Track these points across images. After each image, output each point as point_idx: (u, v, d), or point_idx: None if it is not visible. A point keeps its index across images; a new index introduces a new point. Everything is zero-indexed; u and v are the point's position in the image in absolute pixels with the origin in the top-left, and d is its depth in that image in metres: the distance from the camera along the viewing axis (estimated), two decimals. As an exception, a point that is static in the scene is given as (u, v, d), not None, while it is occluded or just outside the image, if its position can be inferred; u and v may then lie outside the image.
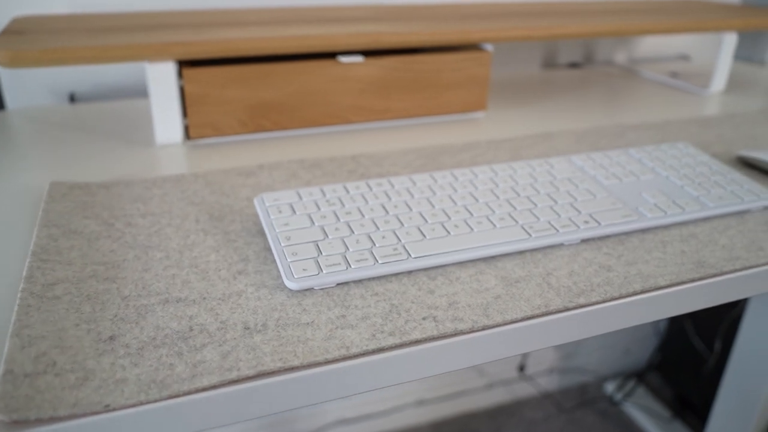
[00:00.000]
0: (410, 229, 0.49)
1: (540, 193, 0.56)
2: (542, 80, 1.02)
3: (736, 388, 1.19)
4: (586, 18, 0.86)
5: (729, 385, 1.20)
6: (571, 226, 0.51)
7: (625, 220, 0.52)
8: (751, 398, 1.16)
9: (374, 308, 0.42)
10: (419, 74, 0.77)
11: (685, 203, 0.56)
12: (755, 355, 1.13)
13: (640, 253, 0.50)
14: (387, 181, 0.56)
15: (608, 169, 0.61)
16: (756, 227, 0.55)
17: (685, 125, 0.81)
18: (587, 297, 0.44)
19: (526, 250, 0.49)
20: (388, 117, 0.77)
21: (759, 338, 1.12)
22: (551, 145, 0.72)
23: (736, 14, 0.95)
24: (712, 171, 0.63)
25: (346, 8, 0.86)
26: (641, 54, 1.20)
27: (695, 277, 0.47)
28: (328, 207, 0.51)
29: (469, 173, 0.58)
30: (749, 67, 1.17)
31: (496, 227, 0.50)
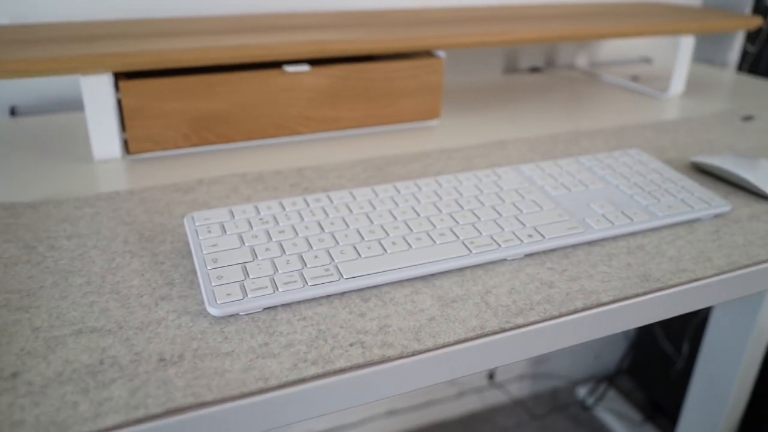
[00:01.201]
0: (345, 247, 0.47)
1: (484, 206, 0.54)
2: (502, 86, 1.01)
3: (704, 389, 1.18)
4: (541, 23, 0.85)
5: (697, 386, 1.19)
6: (514, 241, 0.49)
7: (570, 232, 0.51)
8: (719, 399, 1.16)
9: (300, 334, 0.40)
10: (369, 83, 0.75)
11: (634, 213, 0.54)
12: (721, 356, 1.13)
13: (584, 268, 0.48)
14: (326, 196, 0.54)
15: (557, 179, 0.60)
16: (705, 237, 0.54)
17: (641, 130, 0.80)
18: (525, 317, 0.42)
19: (466, 266, 0.47)
20: (338, 127, 0.75)
21: (724, 340, 1.12)
22: (504, 154, 0.70)
23: (694, 17, 0.94)
24: (663, 179, 0.61)
25: (295, 15, 0.84)
26: (603, 57, 1.20)
27: (639, 291, 0.46)
28: (261, 226, 0.49)
29: (413, 186, 0.56)
30: (710, 70, 1.16)
31: (435, 243, 0.48)
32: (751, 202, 0.61)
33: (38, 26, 0.73)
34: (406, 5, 0.98)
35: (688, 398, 1.21)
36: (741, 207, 0.60)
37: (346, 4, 0.94)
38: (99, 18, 0.81)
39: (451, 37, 0.75)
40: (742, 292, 0.51)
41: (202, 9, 0.85)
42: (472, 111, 0.87)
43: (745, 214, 0.59)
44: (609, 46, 1.19)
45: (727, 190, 0.64)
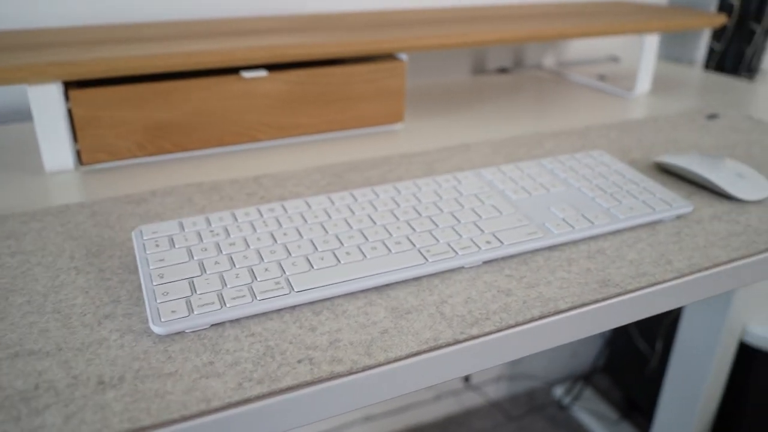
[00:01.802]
0: (297, 259, 0.45)
1: (443, 213, 0.53)
2: (470, 87, 1.00)
3: (678, 387, 1.18)
4: (505, 24, 0.84)
5: (671, 384, 1.19)
6: (472, 248, 0.48)
7: (529, 238, 0.50)
8: (692, 396, 1.16)
9: (247, 352, 0.38)
10: (329, 87, 0.73)
11: (595, 216, 0.54)
12: (694, 353, 1.13)
13: (543, 274, 0.47)
14: (280, 205, 0.52)
15: (518, 183, 0.59)
16: (666, 239, 0.53)
17: (606, 131, 0.79)
18: (481, 327, 0.41)
19: (422, 276, 0.46)
20: (298, 133, 0.74)
21: (696, 337, 1.12)
22: (467, 158, 0.69)
23: (659, 16, 0.94)
24: (625, 180, 0.61)
25: (254, 20, 0.83)
26: (571, 57, 1.19)
27: (598, 297, 0.45)
28: (211, 238, 0.48)
29: (371, 193, 0.55)
30: (678, 68, 1.16)
31: (391, 253, 0.47)
32: (714, 202, 0.61)
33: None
34: (369, 7, 0.97)
35: (662, 396, 1.21)
36: (703, 207, 0.59)
37: (307, 8, 0.92)
38: (51, 25, 0.79)
39: (413, 40, 0.74)
40: (703, 294, 0.50)
41: (157, 14, 0.84)
42: (437, 114, 0.86)
43: (707, 215, 0.58)
44: (577, 45, 1.19)
45: (690, 190, 0.63)
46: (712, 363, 1.12)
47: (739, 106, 0.92)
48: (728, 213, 0.59)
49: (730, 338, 1.11)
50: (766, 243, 0.54)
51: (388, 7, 0.98)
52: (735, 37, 1.18)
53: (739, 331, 1.11)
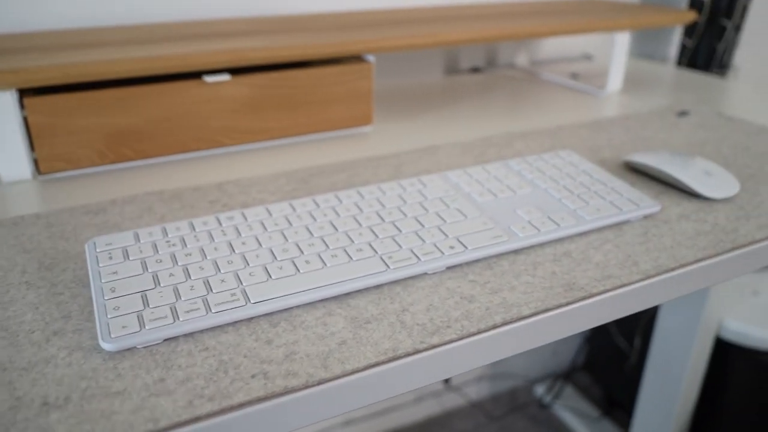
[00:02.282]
0: (255, 269, 0.44)
1: (407, 217, 0.52)
2: (442, 87, 0.99)
3: (656, 382, 1.19)
4: (474, 23, 0.83)
5: (650, 380, 1.20)
6: (435, 253, 0.47)
7: (494, 242, 0.49)
8: (671, 391, 1.16)
9: (200, 367, 0.37)
10: (296, 90, 0.72)
11: (561, 218, 0.53)
12: (671, 350, 1.13)
13: (508, 279, 0.47)
14: (240, 213, 0.51)
15: (484, 185, 0.58)
16: (633, 240, 0.53)
17: (577, 130, 0.79)
18: (441, 336, 0.40)
19: (384, 283, 0.45)
20: (264, 138, 0.73)
21: (673, 333, 1.12)
22: (435, 160, 0.69)
23: (629, 13, 0.94)
24: (593, 180, 0.60)
25: (217, 23, 0.81)
26: (544, 55, 1.19)
27: (562, 302, 0.44)
28: (167, 249, 0.46)
29: (334, 199, 0.54)
30: (651, 65, 1.16)
31: (352, 260, 0.46)
32: (682, 200, 0.60)
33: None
34: (337, 8, 0.95)
35: (641, 392, 1.21)
36: (671, 206, 0.59)
37: (272, 9, 0.91)
38: (6, 31, 0.77)
39: (380, 41, 0.73)
40: (670, 296, 0.50)
41: (118, 18, 0.82)
42: (408, 115, 0.85)
43: (675, 214, 0.58)
44: (550, 43, 1.18)
45: (659, 189, 0.63)
46: (689, 359, 1.12)
47: (709, 102, 0.92)
48: (696, 212, 0.58)
49: (707, 334, 1.11)
50: (733, 242, 0.53)
51: (356, 7, 0.97)
52: (706, 33, 1.18)
53: (715, 327, 1.12)
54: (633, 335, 1.33)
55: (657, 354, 1.17)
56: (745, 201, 0.61)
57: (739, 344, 1.12)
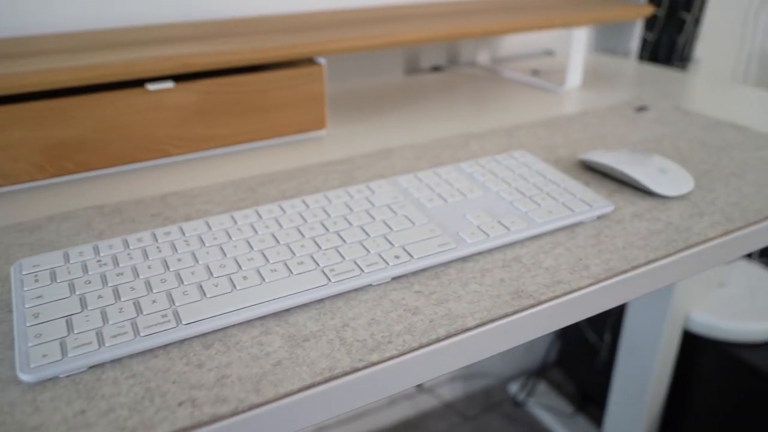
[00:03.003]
0: (189, 288, 0.42)
1: (352, 227, 0.50)
2: (402, 87, 0.97)
3: (627, 376, 1.19)
4: (428, 21, 0.82)
5: (620, 374, 1.20)
6: (379, 264, 0.46)
7: (441, 249, 0.48)
8: (641, 385, 1.16)
9: (125, 396, 0.35)
10: (245, 96, 0.70)
11: (511, 222, 0.52)
12: (640, 344, 1.13)
13: (454, 288, 0.45)
14: (178, 228, 0.49)
15: (435, 190, 0.56)
16: (585, 242, 0.52)
17: (534, 128, 0.78)
18: (381, 352, 0.39)
19: (326, 297, 0.44)
20: (214, 146, 0.70)
21: (641, 327, 1.12)
22: (389, 164, 0.67)
23: (587, 8, 0.93)
24: (546, 181, 0.59)
25: (161, 28, 0.79)
26: (506, 52, 1.18)
27: (509, 311, 0.43)
28: (98, 269, 0.44)
29: (277, 209, 0.52)
30: (612, 60, 1.16)
31: (292, 274, 0.44)
32: (636, 199, 0.59)
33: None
34: (289, 10, 0.93)
35: (612, 387, 1.21)
36: (625, 205, 0.58)
37: (220, 12, 0.89)
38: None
39: (329, 43, 0.71)
40: (621, 299, 0.49)
41: (56, 26, 0.79)
42: (365, 117, 0.83)
43: (629, 213, 0.57)
44: (512, 40, 1.17)
45: (613, 188, 0.62)
46: (657, 352, 1.12)
47: (669, 96, 0.92)
48: (650, 210, 0.57)
49: (674, 327, 1.11)
50: (685, 241, 0.52)
51: (310, 8, 0.95)
52: (666, 26, 1.18)
53: (682, 320, 1.12)
54: (603, 330, 1.33)
55: (626, 349, 1.17)
56: (700, 198, 0.60)
57: (707, 336, 1.12)
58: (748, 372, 1.07)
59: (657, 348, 1.12)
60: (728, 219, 0.56)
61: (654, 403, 1.19)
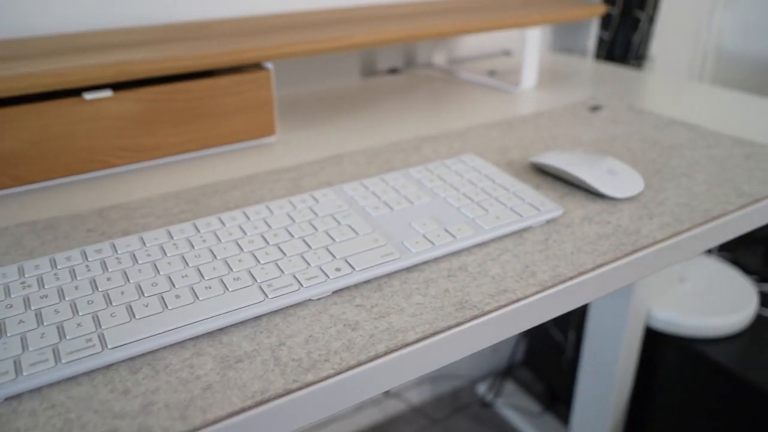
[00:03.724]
0: (117, 309, 0.40)
1: (293, 239, 0.49)
2: (357, 91, 0.96)
3: (592, 374, 1.19)
4: (379, 24, 0.81)
5: (585, 372, 1.20)
6: (319, 277, 0.44)
7: (384, 260, 0.46)
8: (606, 382, 1.16)
9: (41, 429, 0.33)
10: (191, 103, 0.68)
11: (458, 229, 0.51)
12: (603, 340, 1.13)
13: (397, 300, 0.44)
14: (110, 245, 0.47)
15: (381, 197, 0.55)
16: (533, 248, 0.51)
17: (487, 130, 0.77)
18: (317, 372, 0.37)
19: (263, 314, 0.42)
20: (160, 155, 0.68)
21: (604, 324, 1.12)
22: (339, 170, 0.66)
23: (539, 9, 0.92)
24: (495, 185, 0.58)
25: (102, 34, 0.76)
26: (464, 53, 1.17)
27: (452, 323, 0.42)
28: (21, 291, 0.42)
29: (216, 222, 0.50)
30: (569, 59, 1.16)
31: (227, 291, 0.42)
32: (587, 201, 0.59)
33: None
34: (238, 14, 0.91)
35: (578, 385, 1.21)
36: (575, 209, 0.57)
37: (165, 17, 0.86)
38: None
39: (275, 48, 0.70)
40: (569, 306, 0.48)
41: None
42: (319, 122, 0.82)
43: (578, 217, 0.56)
44: (469, 40, 1.17)
45: (564, 191, 0.61)
46: (620, 350, 1.12)
47: (623, 95, 0.92)
48: (600, 213, 0.57)
49: (636, 324, 1.12)
50: (634, 244, 0.52)
51: (260, 11, 0.93)
52: (621, 25, 1.18)
53: (644, 317, 1.12)
54: (568, 329, 1.33)
55: (590, 347, 1.17)
56: (650, 199, 0.60)
57: (669, 333, 1.12)
58: (710, 367, 1.08)
59: (620, 345, 1.12)
60: (677, 220, 0.56)
61: (619, 400, 1.20)
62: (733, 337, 1.12)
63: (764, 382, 1.02)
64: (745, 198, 0.60)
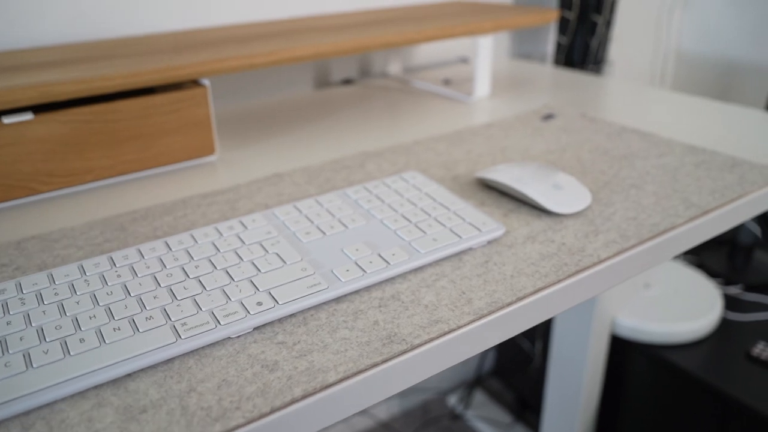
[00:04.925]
0: (13, 357, 0.37)
1: (215, 271, 0.46)
2: (309, 103, 0.93)
3: (559, 383, 1.17)
4: (325, 35, 0.78)
5: (553, 381, 1.18)
6: (239, 313, 0.41)
7: (310, 291, 0.44)
8: (573, 391, 1.15)
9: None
10: (123, 123, 0.65)
11: (392, 254, 0.48)
12: (569, 349, 1.12)
13: (322, 335, 0.41)
14: (14, 285, 0.44)
15: (314, 221, 0.53)
16: (472, 271, 0.49)
17: (436, 143, 0.75)
18: (225, 422, 0.34)
19: (176, 356, 0.39)
20: (91, 179, 0.65)
21: (569, 333, 1.11)
22: (277, 191, 0.63)
23: (490, 16, 0.91)
24: (435, 205, 0.56)
25: (24, 53, 0.73)
26: (421, 61, 1.15)
27: (378, 360, 0.39)
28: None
29: (135, 254, 0.47)
30: (528, 65, 1.14)
31: (138, 332, 0.40)
32: (531, 219, 0.57)
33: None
34: (177, 27, 0.88)
35: (546, 394, 1.19)
36: (519, 227, 0.55)
37: (104, 32, 0.83)
38: None
39: (211, 63, 0.67)
40: (507, 334, 0.45)
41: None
42: (265, 138, 0.79)
43: (522, 235, 0.54)
44: (426, 48, 1.15)
45: (510, 207, 0.59)
46: (586, 358, 1.10)
47: (578, 103, 0.90)
48: (544, 231, 0.55)
49: (601, 332, 1.10)
50: (577, 264, 0.50)
51: (203, 25, 0.90)
52: (579, 30, 1.17)
53: (609, 325, 1.11)
54: (535, 338, 1.32)
55: (556, 356, 1.16)
56: (597, 214, 0.58)
57: (634, 340, 1.11)
58: (675, 374, 1.07)
59: (585, 354, 1.10)
60: (623, 236, 0.54)
61: (587, 408, 1.18)
62: (699, 342, 1.11)
63: (729, 387, 1.00)
64: (694, 210, 0.58)
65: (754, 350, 1.07)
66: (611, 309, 1.11)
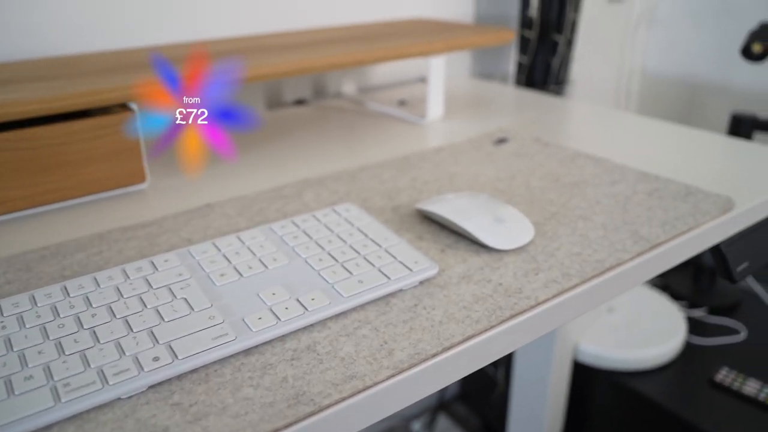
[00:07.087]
0: None
1: (114, 320, 0.42)
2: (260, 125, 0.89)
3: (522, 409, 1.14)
4: (273, 55, 0.74)
5: (516, 407, 1.15)
6: (131, 371, 0.37)
7: (215, 343, 0.40)
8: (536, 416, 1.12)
9: None
10: (40, 151, 0.61)
11: (312, 299, 0.44)
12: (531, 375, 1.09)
13: (223, 395, 0.37)
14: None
15: (231, 261, 0.49)
16: (398, 317, 0.45)
17: (381, 170, 0.71)
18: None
19: (54, 423, 0.35)
20: (6, 210, 0.61)
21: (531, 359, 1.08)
22: (204, 224, 0.59)
23: (444, 36, 0.88)
24: (367, 241, 0.52)
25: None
26: (377, 81, 1.12)
27: (280, 425, 0.35)
28: None
29: (27, 302, 0.43)
30: (488, 85, 1.11)
31: (12, 395, 0.35)
32: (469, 255, 0.53)
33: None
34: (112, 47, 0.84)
35: (510, 421, 1.16)
36: (455, 264, 0.52)
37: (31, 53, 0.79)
38: None
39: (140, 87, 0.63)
40: (436, 386, 0.42)
41: None
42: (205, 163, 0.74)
43: (457, 275, 0.50)
44: (382, 68, 1.11)
45: (449, 242, 0.56)
46: (548, 385, 1.07)
47: (534, 125, 0.87)
48: (482, 269, 0.51)
49: (563, 359, 1.07)
50: (512, 308, 0.46)
51: (143, 44, 0.86)
52: (539, 49, 1.15)
53: (571, 351, 1.08)
54: (498, 363, 1.28)
55: (519, 382, 1.13)
56: (540, 249, 0.54)
57: (597, 367, 1.08)
58: (639, 400, 1.04)
59: (548, 380, 1.07)
60: (565, 275, 0.51)
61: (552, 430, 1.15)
62: (662, 368, 1.08)
63: (692, 414, 0.98)
64: (642, 244, 0.55)
65: (717, 376, 1.04)
66: (573, 334, 1.08)
